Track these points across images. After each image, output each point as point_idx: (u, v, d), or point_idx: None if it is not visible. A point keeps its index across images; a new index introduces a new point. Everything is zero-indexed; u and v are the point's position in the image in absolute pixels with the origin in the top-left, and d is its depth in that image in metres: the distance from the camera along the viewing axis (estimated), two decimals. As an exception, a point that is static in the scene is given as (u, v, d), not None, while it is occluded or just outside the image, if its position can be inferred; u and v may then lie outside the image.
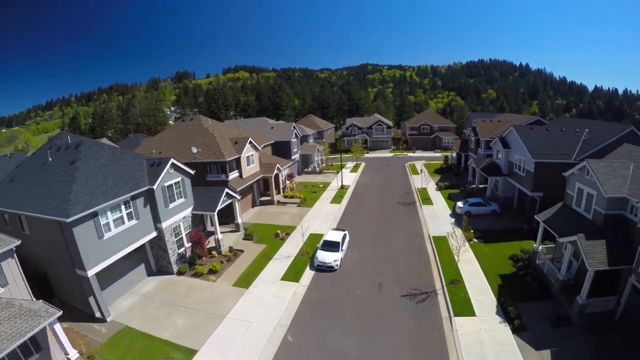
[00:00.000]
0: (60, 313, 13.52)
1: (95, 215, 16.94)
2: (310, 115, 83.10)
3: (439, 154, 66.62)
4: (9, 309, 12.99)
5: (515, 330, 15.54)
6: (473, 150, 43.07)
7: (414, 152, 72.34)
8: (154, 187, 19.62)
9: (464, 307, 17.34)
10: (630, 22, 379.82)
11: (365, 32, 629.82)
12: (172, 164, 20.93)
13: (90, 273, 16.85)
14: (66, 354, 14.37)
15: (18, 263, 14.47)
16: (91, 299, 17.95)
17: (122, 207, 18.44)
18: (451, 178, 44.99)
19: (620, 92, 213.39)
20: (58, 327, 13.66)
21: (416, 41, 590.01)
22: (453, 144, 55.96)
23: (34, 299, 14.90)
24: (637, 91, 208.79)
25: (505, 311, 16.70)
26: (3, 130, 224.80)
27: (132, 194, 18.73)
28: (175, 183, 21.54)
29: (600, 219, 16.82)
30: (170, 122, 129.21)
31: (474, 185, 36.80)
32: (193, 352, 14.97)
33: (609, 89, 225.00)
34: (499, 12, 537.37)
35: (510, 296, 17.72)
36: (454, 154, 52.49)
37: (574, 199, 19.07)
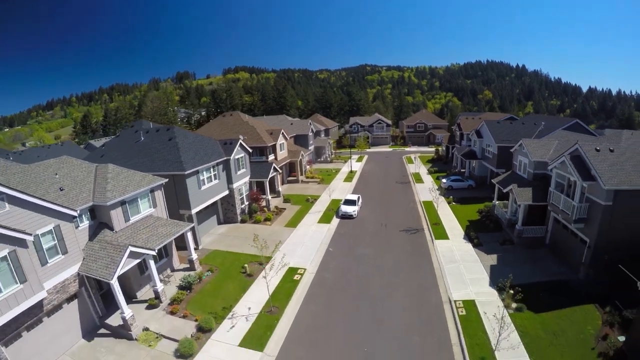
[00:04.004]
0: (193, 225, 21.96)
1: (197, 172, 25.47)
2: (317, 115, 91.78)
3: (432, 149, 75.61)
4: (159, 221, 21.40)
5: (474, 246, 24.32)
6: (458, 143, 51.99)
7: (410, 147, 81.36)
8: (230, 158, 28.25)
9: (441, 235, 26.22)
10: (628, 22, 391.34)
11: (364, 33, 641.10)
12: (240, 143, 29.56)
13: (193, 211, 25.32)
14: (189, 255, 22.72)
15: (163, 194, 22.66)
16: (188, 233, 26.27)
17: (211, 169, 27.01)
18: (440, 165, 54.07)
19: (614, 92, 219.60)
20: (190, 234, 22.04)
21: (415, 42, 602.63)
22: (443, 138, 65.06)
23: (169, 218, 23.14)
24: (631, 92, 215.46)
25: (469, 236, 25.52)
26: (6, 130, 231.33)
27: (217, 161, 27.35)
28: (240, 157, 30.22)
29: (530, 177, 25.65)
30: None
31: (457, 170, 45.82)
32: (269, 257, 23.40)
33: (602, 89, 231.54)
34: (497, 13, 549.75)
35: (473, 229, 26.56)
36: (444, 147, 61.51)
37: (517, 166, 27.95)
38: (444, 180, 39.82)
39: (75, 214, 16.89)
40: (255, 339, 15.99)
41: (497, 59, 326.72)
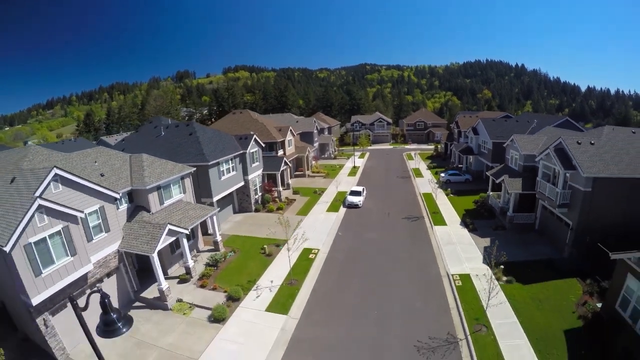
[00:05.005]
0: (218, 209, 24.37)
1: (218, 164, 27.89)
2: (319, 113, 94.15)
3: (431, 146, 78.15)
4: (189, 205, 23.78)
5: (470, 231, 26.82)
6: (456, 140, 54.58)
7: (410, 145, 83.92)
8: (246, 151, 30.66)
9: (440, 222, 28.81)
10: (626, 22, 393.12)
11: (363, 33, 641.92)
12: (254, 138, 31.96)
13: (214, 199, 27.71)
14: (214, 238, 25.11)
15: (192, 181, 24.99)
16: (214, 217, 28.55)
17: (230, 161, 29.42)
18: (439, 162, 56.70)
19: (613, 92, 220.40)
20: (215, 217, 24.42)
21: (414, 41, 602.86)
22: (442, 136, 67.61)
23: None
24: (629, 91, 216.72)
25: (465, 222, 28.06)
26: (6, 129, 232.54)
27: (235, 154, 29.78)
28: (255, 151, 32.71)
29: (520, 169, 28.18)
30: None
31: (455, 165, 48.37)
32: (285, 241, 25.78)
33: (601, 89, 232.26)
34: (496, 13, 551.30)
35: (469, 217, 29.11)
36: (442, 145, 64.08)
37: (509, 160, 30.48)
38: (442, 175, 42.39)
39: (117, 196, 19.13)
40: (280, 305, 18.44)
41: (497, 59, 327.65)
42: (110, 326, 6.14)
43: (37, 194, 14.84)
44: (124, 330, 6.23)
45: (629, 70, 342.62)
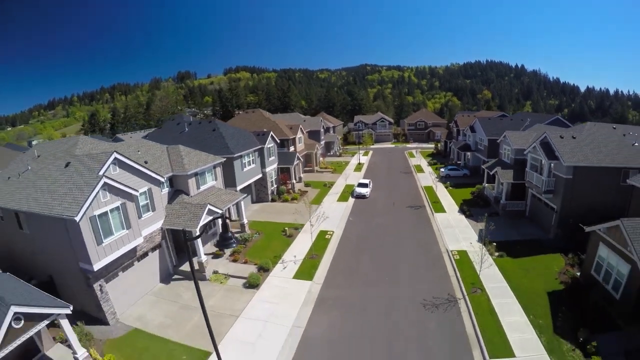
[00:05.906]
0: (246, 195, 27.50)
1: (241, 156, 31.02)
2: (323, 113, 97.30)
3: (431, 145, 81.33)
4: (221, 190, 26.85)
5: (467, 217, 30.03)
6: (455, 138, 57.86)
7: (411, 143, 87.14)
8: (264, 146, 33.84)
9: (440, 210, 32.07)
10: (625, 22, 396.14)
11: (363, 33, 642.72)
12: (271, 135, 35.13)
13: (238, 188, 30.80)
14: (242, 219, 28.17)
15: (222, 170, 28.04)
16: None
17: (250, 155, 32.58)
18: (439, 159, 60.02)
19: (612, 92, 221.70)
20: (242, 202, 27.49)
21: (414, 42, 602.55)
22: (442, 135, 70.91)
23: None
24: (628, 91, 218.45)
25: (462, 210, 31.31)
26: (9, 129, 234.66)
27: (255, 148, 32.90)
28: (271, 146, 35.92)
29: (512, 162, 31.41)
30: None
31: (453, 161, 51.63)
32: (302, 225, 28.88)
33: (600, 89, 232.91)
34: (496, 14, 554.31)
35: (466, 205, 32.35)
36: (442, 143, 67.37)
37: (502, 154, 33.72)
38: (442, 170, 45.66)
39: (163, 179, 21.99)
40: (305, 273, 21.61)
41: (497, 59, 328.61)
42: (227, 240, 9.25)
43: (102, 172, 17.55)
44: (234, 245, 9.35)
45: (628, 70, 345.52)
